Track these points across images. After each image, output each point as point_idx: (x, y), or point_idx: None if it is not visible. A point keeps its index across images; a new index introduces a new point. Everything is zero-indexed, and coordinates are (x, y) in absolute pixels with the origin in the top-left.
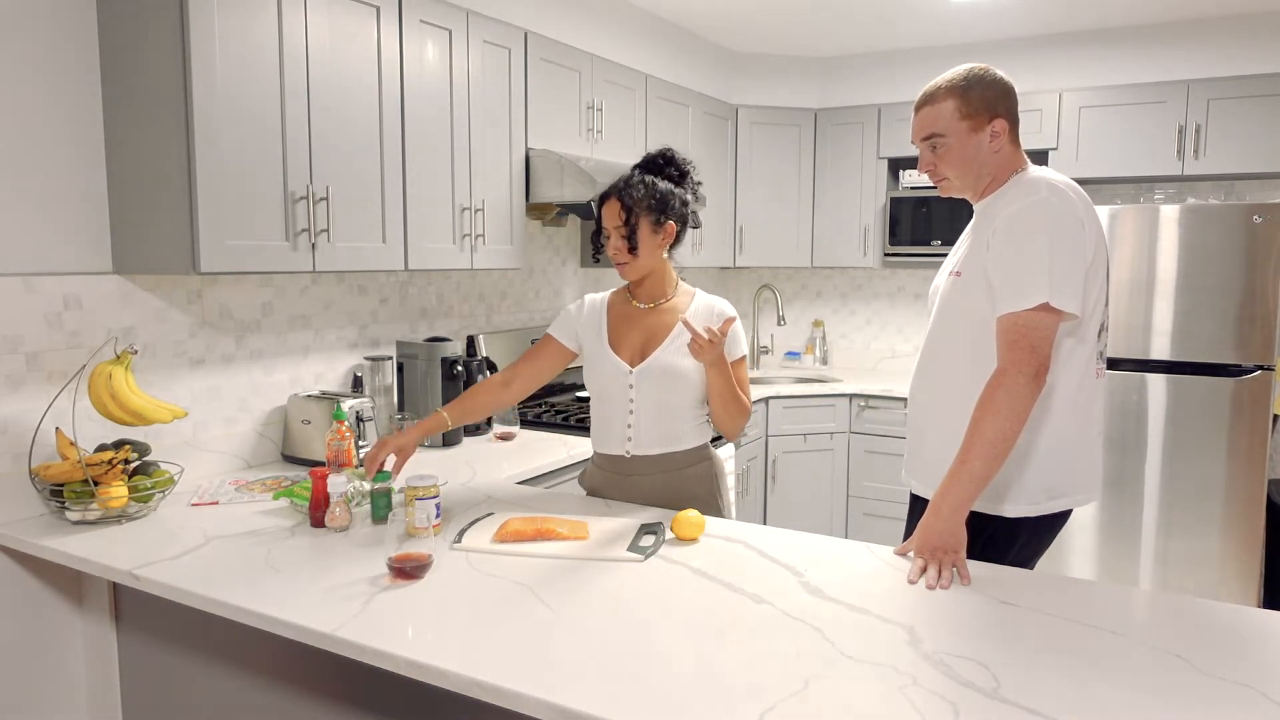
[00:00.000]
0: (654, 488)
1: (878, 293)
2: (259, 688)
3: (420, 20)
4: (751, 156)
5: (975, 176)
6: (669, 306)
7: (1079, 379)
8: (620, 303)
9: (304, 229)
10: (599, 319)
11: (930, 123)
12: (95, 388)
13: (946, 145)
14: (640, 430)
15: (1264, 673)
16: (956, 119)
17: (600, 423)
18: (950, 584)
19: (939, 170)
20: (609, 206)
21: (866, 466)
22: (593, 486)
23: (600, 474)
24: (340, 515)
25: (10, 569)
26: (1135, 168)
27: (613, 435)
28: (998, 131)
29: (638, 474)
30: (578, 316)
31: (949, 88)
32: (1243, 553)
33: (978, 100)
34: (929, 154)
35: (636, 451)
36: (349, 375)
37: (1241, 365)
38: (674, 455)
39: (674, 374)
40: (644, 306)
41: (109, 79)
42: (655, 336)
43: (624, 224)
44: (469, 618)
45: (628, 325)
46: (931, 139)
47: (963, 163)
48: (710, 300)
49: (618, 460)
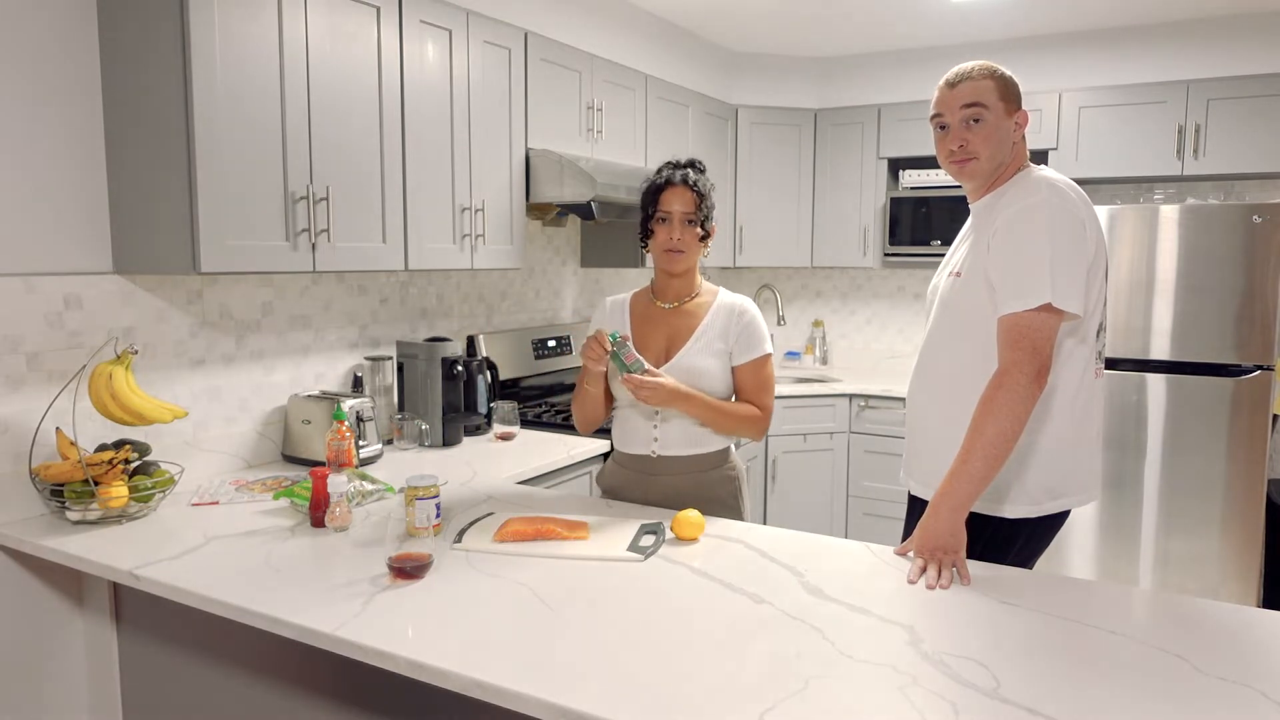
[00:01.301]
0: (678, 489)
1: (878, 293)
2: (259, 688)
3: (420, 20)
4: (751, 156)
5: (999, 161)
6: (692, 306)
7: (1079, 379)
8: (643, 303)
9: (304, 229)
10: (623, 319)
11: (974, 93)
12: (95, 388)
13: (986, 119)
14: (666, 431)
15: (1264, 673)
16: (996, 97)
17: (625, 423)
18: (950, 584)
19: (970, 146)
20: (679, 193)
21: (866, 466)
22: (612, 486)
23: (623, 473)
24: (340, 515)
25: (10, 569)
26: (1135, 168)
27: (638, 436)
28: (1021, 123)
29: (663, 474)
30: (605, 319)
31: (985, 70)
32: (1243, 553)
33: (1012, 88)
34: (962, 130)
35: (663, 452)
36: (349, 375)
37: (1241, 365)
38: (700, 457)
39: (699, 374)
40: (668, 306)
41: (109, 79)
42: (679, 336)
43: (696, 210)
44: (469, 618)
45: (651, 326)
46: (975, 108)
47: (996, 142)
48: (732, 299)
49: (643, 460)
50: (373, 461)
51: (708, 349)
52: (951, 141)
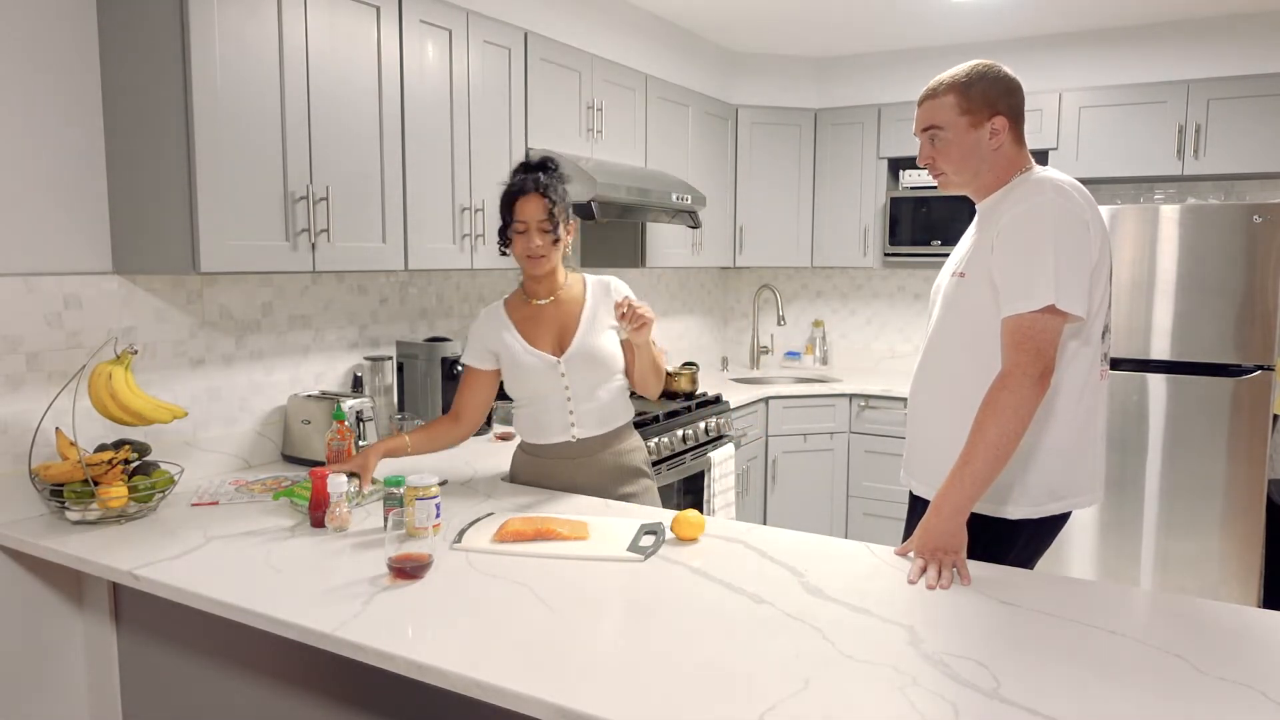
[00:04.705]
0: (597, 466)
1: (878, 293)
2: (259, 688)
3: (420, 20)
4: (751, 156)
5: (973, 173)
6: (566, 295)
7: (1083, 380)
8: (519, 305)
9: (304, 229)
10: (504, 326)
11: (930, 116)
12: (95, 388)
13: (945, 140)
14: (582, 414)
15: (1264, 673)
16: (956, 114)
17: (535, 418)
18: (950, 584)
19: (937, 164)
20: (531, 202)
21: (866, 466)
22: (530, 478)
23: (540, 463)
24: (340, 515)
25: (10, 569)
26: (1135, 168)
27: (554, 425)
28: (997, 129)
29: (584, 456)
30: (483, 334)
31: (951, 83)
32: (1243, 553)
33: (978, 97)
34: (928, 147)
35: (582, 435)
36: (349, 375)
37: (1241, 365)
38: (613, 433)
39: (600, 354)
40: (545, 302)
41: (109, 79)
42: (568, 325)
43: (548, 218)
44: (469, 618)
45: (536, 323)
46: (931, 131)
47: (960, 158)
48: (602, 279)
49: (563, 446)
50: None
51: (599, 329)
52: (921, 159)
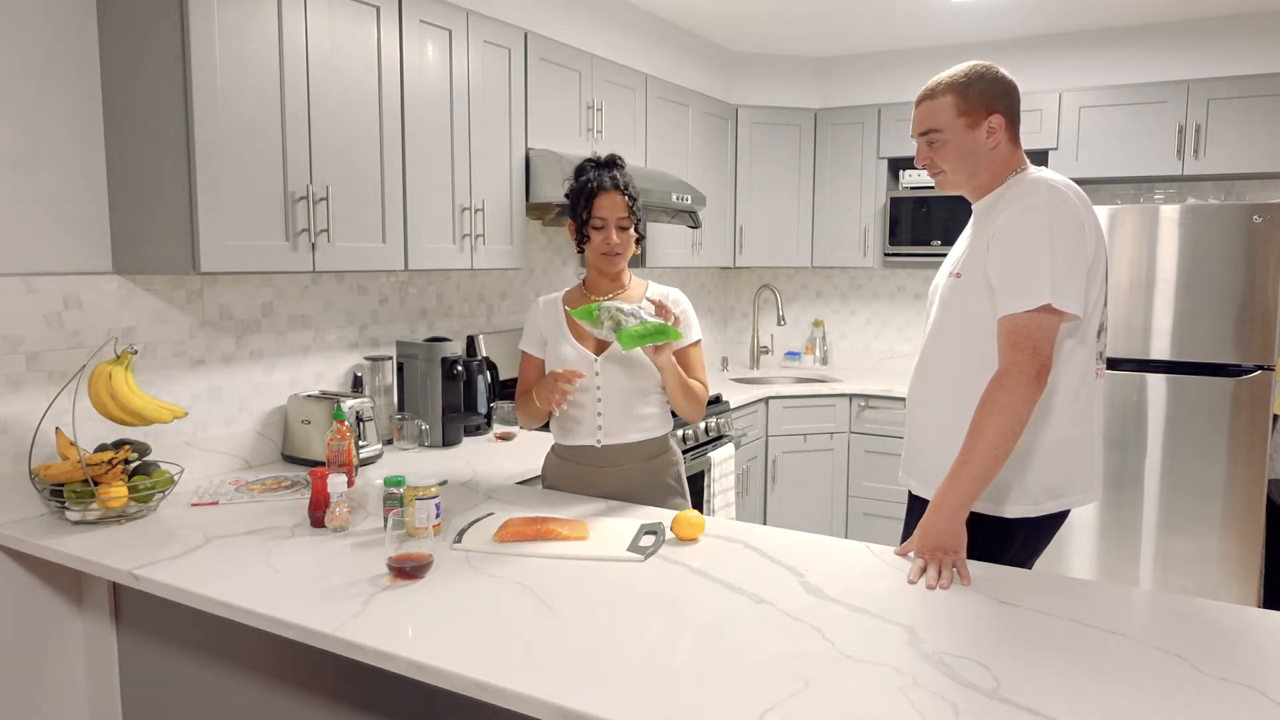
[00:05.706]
0: (624, 477)
1: (878, 293)
2: (259, 688)
3: (420, 20)
4: (751, 156)
5: (971, 172)
6: (625, 299)
7: (1079, 379)
8: (577, 299)
9: (304, 229)
10: (558, 316)
11: (928, 118)
12: (95, 388)
13: (942, 141)
14: (610, 419)
15: (1264, 673)
16: (953, 115)
17: (567, 415)
18: (950, 584)
19: (935, 165)
20: (610, 199)
21: (866, 466)
22: (556, 481)
23: (566, 466)
24: (340, 515)
25: (10, 569)
26: (1135, 168)
27: (582, 426)
28: (994, 128)
29: (608, 464)
30: (538, 320)
31: (949, 84)
32: (1243, 553)
33: (976, 97)
34: (926, 149)
35: (607, 441)
36: (349, 375)
37: (1241, 365)
38: (643, 444)
39: (637, 359)
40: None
41: (109, 79)
42: None
43: (629, 215)
44: (469, 618)
45: None
46: (929, 134)
47: (958, 158)
48: (663, 290)
49: (587, 451)
50: (373, 462)
51: None
52: (919, 160)
